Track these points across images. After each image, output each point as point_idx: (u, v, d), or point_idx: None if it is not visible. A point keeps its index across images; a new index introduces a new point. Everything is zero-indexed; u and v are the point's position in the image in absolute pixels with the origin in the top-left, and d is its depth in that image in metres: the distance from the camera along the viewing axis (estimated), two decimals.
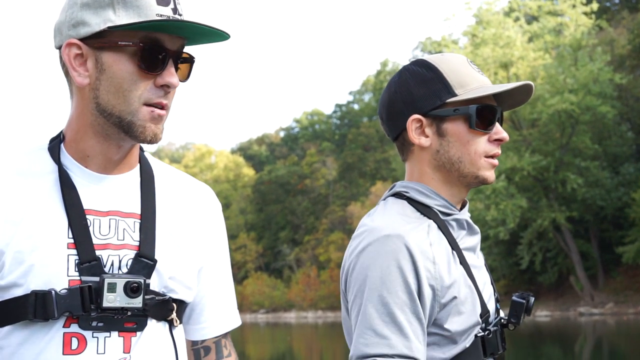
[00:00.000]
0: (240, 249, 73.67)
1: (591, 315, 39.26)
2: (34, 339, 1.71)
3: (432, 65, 2.11)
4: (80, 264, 1.72)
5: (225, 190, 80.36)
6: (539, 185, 42.33)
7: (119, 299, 1.70)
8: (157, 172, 1.91)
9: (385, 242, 1.95)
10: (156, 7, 1.71)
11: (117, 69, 1.72)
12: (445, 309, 1.98)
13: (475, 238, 2.17)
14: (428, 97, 2.09)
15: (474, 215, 40.80)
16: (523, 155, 40.48)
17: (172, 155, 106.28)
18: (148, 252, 1.78)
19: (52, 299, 1.69)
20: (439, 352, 2.00)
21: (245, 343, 32.38)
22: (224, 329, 2.00)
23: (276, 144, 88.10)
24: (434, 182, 2.12)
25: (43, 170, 1.78)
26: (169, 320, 1.82)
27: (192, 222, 1.91)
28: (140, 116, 1.72)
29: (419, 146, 2.11)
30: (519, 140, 42.46)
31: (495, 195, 39.84)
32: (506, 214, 39.63)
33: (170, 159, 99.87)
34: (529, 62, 42.00)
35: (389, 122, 2.16)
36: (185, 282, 1.85)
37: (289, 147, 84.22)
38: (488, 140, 2.10)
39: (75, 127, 1.79)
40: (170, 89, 1.75)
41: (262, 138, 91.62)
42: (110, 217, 1.78)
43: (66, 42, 1.74)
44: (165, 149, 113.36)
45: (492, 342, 2.06)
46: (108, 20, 1.70)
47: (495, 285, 2.22)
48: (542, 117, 40.66)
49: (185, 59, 1.80)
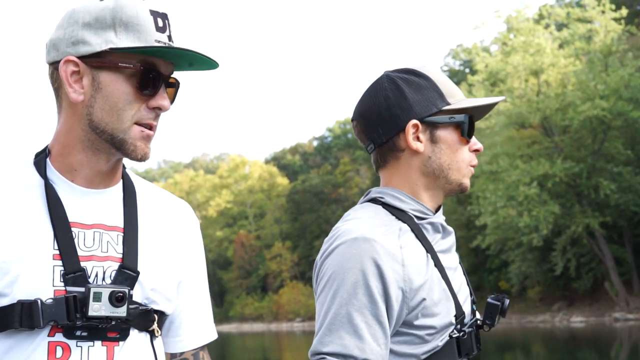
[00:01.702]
0: (275, 258, 74.06)
1: (626, 321, 39.08)
2: (20, 347, 1.75)
3: (424, 73, 2.16)
4: (65, 275, 1.76)
5: (259, 200, 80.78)
6: (571, 191, 42.30)
7: (104, 308, 1.75)
8: (139, 188, 1.96)
9: (352, 245, 2.00)
10: (155, 33, 1.78)
11: (113, 89, 1.78)
12: (415, 310, 2.03)
13: (450, 240, 2.21)
14: (424, 104, 2.13)
15: (506, 221, 41.24)
16: (555, 162, 40.50)
17: (207, 166, 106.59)
18: (131, 264, 1.83)
19: (38, 308, 1.72)
20: (410, 349, 2.05)
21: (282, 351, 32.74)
22: (202, 341, 2.05)
23: (309, 153, 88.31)
24: (416, 187, 2.16)
25: (29, 184, 1.83)
26: (150, 331, 1.87)
27: (172, 237, 1.96)
28: (132, 134, 1.79)
29: (412, 151, 2.14)
30: (550, 147, 42.54)
31: (528, 202, 39.92)
32: (539, 221, 39.68)
33: (205, 169, 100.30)
34: (559, 69, 42.01)
35: (381, 126, 2.15)
36: (166, 294, 1.90)
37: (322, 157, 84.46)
38: (469, 150, 2.19)
39: (64, 142, 1.84)
40: (162, 111, 1.83)
41: (296, 148, 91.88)
42: (95, 230, 1.83)
43: (64, 58, 1.79)
44: (200, 159, 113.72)
45: (467, 343, 2.11)
46: (109, 42, 1.76)
47: (471, 287, 2.27)
48: (573, 124, 40.62)
49: (171, 84, 1.87)
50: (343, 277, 1.99)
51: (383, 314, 1.99)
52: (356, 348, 1.96)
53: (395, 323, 2.03)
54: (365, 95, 2.20)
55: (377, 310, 1.98)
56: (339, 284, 1.99)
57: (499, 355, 26.43)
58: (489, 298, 2.19)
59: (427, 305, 2.03)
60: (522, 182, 39.99)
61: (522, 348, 29.00)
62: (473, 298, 2.23)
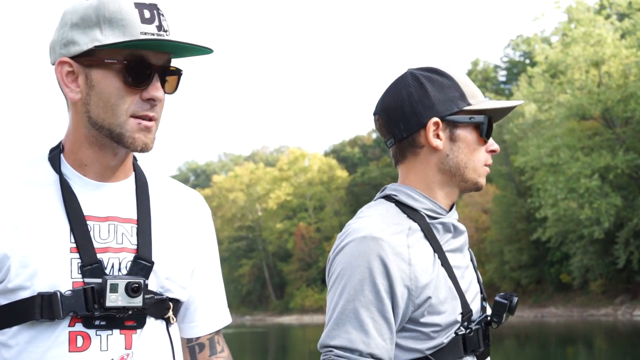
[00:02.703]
0: None
1: None
2: (41, 337, 1.79)
3: (446, 73, 2.21)
4: (82, 267, 1.80)
5: (319, 193, 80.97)
6: (634, 183, 41.82)
7: (120, 298, 1.79)
8: (151, 180, 2.00)
9: (361, 243, 2.07)
10: (140, 26, 1.79)
11: (104, 85, 1.80)
12: (421, 308, 2.08)
13: (461, 239, 2.26)
14: (446, 103, 2.17)
15: (567, 214, 40.90)
16: (617, 154, 40.11)
17: (267, 159, 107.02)
18: (145, 254, 1.87)
19: (58, 300, 1.77)
20: (416, 344, 2.10)
21: None
22: (217, 326, 2.09)
23: (369, 145, 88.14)
24: (432, 184, 2.21)
25: (45, 180, 1.87)
26: (165, 318, 1.92)
27: (184, 227, 2.00)
28: (128, 127, 1.81)
29: (431, 148, 2.18)
30: (612, 138, 42.09)
31: (589, 194, 39.60)
32: (600, 213, 39.35)
33: (265, 162, 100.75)
34: (620, 60, 41.51)
35: (403, 122, 2.19)
36: (180, 282, 1.95)
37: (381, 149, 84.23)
38: (485, 150, 2.23)
39: (72, 139, 1.89)
40: (156, 102, 1.84)
41: (355, 140, 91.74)
42: (109, 222, 1.87)
43: (59, 60, 1.84)
44: (260, 152, 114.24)
45: (473, 340, 2.16)
46: (95, 40, 1.79)
47: (482, 284, 2.32)
48: (635, 115, 40.17)
49: (172, 72, 1.88)
50: (351, 274, 2.06)
51: (389, 310, 2.06)
52: (362, 342, 2.03)
53: (401, 320, 2.09)
54: (388, 90, 2.25)
55: (383, 307, 2.05)
56: (347, 280, 2.07)
57: (562, 349, 26.40)
58: (497, 296, 2.25)
59: (433, 303, 2.09)
60: (583, 175, 39.72)
61: (584, 342, 28.85)
62: (483, 295, 2.28)
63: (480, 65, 71.38)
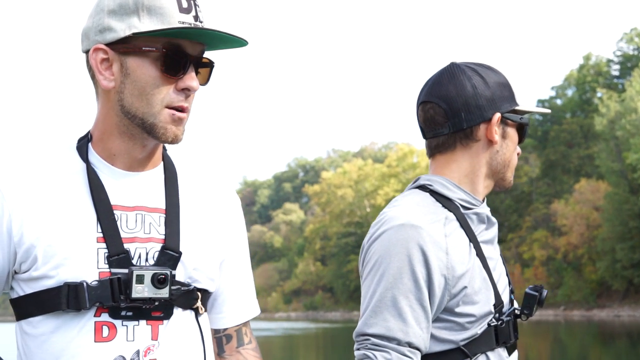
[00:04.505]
0: None
1: None
2: (67, 327, 1.77)
3: (499, 71, 2.24)
4: (109, 257, 1.78)
5: None
6: None
7: (147, 289, 1.77)
8: (180, 169, 1.97)
9: (399, 230, 2.06)
10: (178, 15, 1.77)
11: (140, 73, 1.78)
12: (456, 298, 2.08)
13: (493, 231, 2.26)
14: (504, 100, 2.20)
15: None
16: None
17: (375, 155, 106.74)
18: (173, 245, 1.84)
19: (84, 290, 1.75)
20: (450, 335, 2.10)
21: None
22: (245, 317, 2.06)
23: None
24: (476, 177, 2.22)
25: (72, 169, 1.85)
26: (194, 309, 1.89)
27: (213, 217, 1.97)
28: (162, 118, 1.79)
29: (488, 142, 2.20)
30: None
31: None
32: None
33: (373, 158, 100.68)
34: None
35: (466, 112, 2.17)
36: (208, 273, 1.92)
37: None
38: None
39: (102, 128, 1.86)
40: (191, 92, 1.81)
41: None
42: (137, 212, 1.85)
43: (93, 47, 1.81)
44: (368, 148, 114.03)
45: (505, 332, 2.16)
46: (133, 27, 1.76)
47: (510, 277, 2.31)
48: None
49: (205, 64, 1.86)
50: (389, 262, 2.05)
51: (426, 299, 2.05)
52: (400, 331, 2.02)
53: (437, 309, 2.09)
54: (445, 79, 2.22)
55: (421, 295, 2.04)
56: (385, 268, 2.05)
57: None
58: (527, 289, 2.25)
59: (468, 293, 2.09)
60: None
61: None
62: (511, 288, 2.28)
63: (592, 59, 69.90)
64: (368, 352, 2.02)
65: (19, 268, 1.80)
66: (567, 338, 35.93)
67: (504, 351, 2.18)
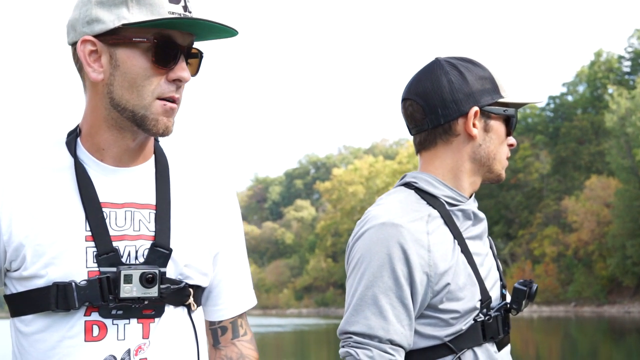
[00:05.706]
0: None
1: None
2: (57, 326, 1.76)
3: (480, 64, 2.22)
4: (98, 256, 1.76)
5: None
6: None
7: (135, 289, 1.74)
8: (172, 161, 1.93)
9: (380, 229, 2.06)
10: (168, 5, 1.74)
11: (131, 65, 1.75)
12: (439, 294, 2.07)
13: (481, 226, 2.24)
14: (484, 93, 2.18)
15: None
16: None
17: (386, 152, 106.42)
18: (163, 242, 1.81)
19: (73, 290, 1.73)
20: (434, 331, 2.10)
21: None
22: (240, 309, 2.03)
23: None
24: (460, 173, 2.21)
25: (61, 165, 1.82)
26: (187, 305, 1.86)
27: (206, 210, 1.93)
28: (153, 110, 1.76)
29: (467, 136, 2.19)
30: None
31: None
32: None
33: (384, 155, 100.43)
34: None
35: (442, 108, 2.17)
36: (200, 269, 1.89)
37: None
38: (506, 144, 2.27)
39: (90, 121, 1.82)
40: (182, 83, 1.79)
41: None
42: (126, 209, 1.81)
43: (81, 39, 1.76)
44: (379, 145, 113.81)
45: (492, 327, 2.15)
46: (122, 18, 1.73)
47: (502, 272, 2.29)
48: None
49: (194, 54, 1.83)
50: (370, 260, 2.06)
51: (407, 297, 2.05)
52: (381, 329, 2.03)
53: (420, 306, 2.08)
54: (423, 76, 2.22)
55: (402, 293, 2.04)
56: (366, 267, 2.06)
57: None
58: (516, 283, 2.24)
59: (452, 289, 2.08)
60: None
61: None
62: (503, 282, 2.27)
63: (603, 56, 69.62)
64: (351, 350, 2.05)
65: (9, 266, 1.80)
66: (577, 334, 36.01)
67: (492, 346, 2.17)
